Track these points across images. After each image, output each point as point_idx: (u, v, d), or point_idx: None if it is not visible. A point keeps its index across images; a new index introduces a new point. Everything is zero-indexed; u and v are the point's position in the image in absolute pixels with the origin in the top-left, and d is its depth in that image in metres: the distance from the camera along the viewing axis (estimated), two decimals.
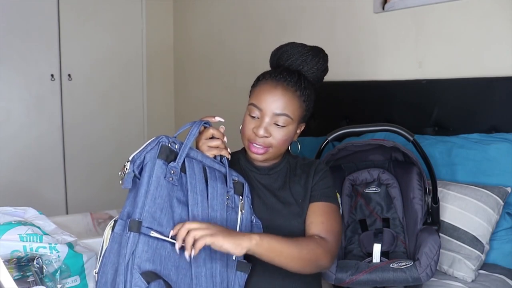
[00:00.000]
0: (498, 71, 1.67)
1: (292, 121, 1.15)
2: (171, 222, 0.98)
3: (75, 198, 3.19)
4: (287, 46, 1.23)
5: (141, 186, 0.97)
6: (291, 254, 1.03)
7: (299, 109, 1.16)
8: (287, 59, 1.21)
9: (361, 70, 2.16)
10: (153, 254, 0.93)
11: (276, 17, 2.61)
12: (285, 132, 1.15)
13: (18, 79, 2.97)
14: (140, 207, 0.95)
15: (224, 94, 3.03)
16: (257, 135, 1.13)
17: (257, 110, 1.14)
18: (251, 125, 1.15)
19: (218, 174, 1.10)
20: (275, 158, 1.22)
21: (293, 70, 1.19)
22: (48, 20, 3.01)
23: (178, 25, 3.50)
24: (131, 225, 0.93)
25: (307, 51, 1.21)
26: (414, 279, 1.25)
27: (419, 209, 1.44)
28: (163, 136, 1.04)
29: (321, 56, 1.23)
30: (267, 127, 1.13)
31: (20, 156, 2.99)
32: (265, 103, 1.13)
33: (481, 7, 1.73)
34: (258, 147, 1.15)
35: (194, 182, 1.03)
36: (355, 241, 1.50)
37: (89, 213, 2.00)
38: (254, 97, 1.16)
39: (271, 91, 1.14)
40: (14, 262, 1.19)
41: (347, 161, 1.58)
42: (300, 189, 1.21)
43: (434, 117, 1.85)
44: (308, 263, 1.07)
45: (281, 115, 1.13)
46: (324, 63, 1.24)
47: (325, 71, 1.26)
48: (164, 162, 1.00)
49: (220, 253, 1.01)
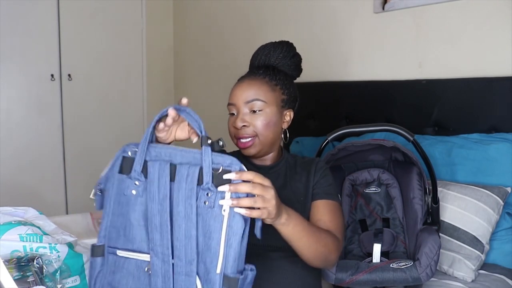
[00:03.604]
0: (498, 71, 1.67)
1: (267, 104, 1.19)
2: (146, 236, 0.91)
3: (75, 198, 3.19)
4: (256, 51, 1.30)
5: (104, 207, 0.96)
6: (308, 243, 1.03)
7: (271, 92, 1.20)
8: (254, 60, 1.29)
9: (361, 70, 2.16)
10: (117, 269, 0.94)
11: (275, 18, 2.61)
12: (263, 116, 1.18)
13: (18, 79, 2.97)
14: (103, 229, 0.96)
15: (224, 94, 3.01)
16: (236, 127, 1.18)
17: (233, 107, 1.22)
18: (231, 122, 1.22)
19: (192, 170, 0.88)
20: (268, 148, 1.22)
21: (259, 66, 1.26)
22: (48, 20, 3.00)
23: (178, 25, 3.50)
24: (95, 250, 0.96)
25: (269, 46, 1.28)
26: (414, 279, 1.25)
27: (419, 209, 1.44)
28: (126, 147, 0.96)
29: (284, 45, 1.28)
30: (243, 117, 1.19)
31: (20, 156, 2.99)
32: (235, 97, 1.21)
33: (481, 7, 1.73)
34: (244, 141, 1.19)
35: (153, 189, 0.89)
36: (355, 241, 1.51)
37: (89, 213, 2.00)
38: (229, 98, 1.24)
39: (239, 86, 1.22)
40: (14, 262, 1.19)
41: (347, 161, 1.58)
42: (301, 187, 1.22)
43: (434, 117, 1.85)
44: (320, 256, 1.07)
45: (252, 101, 1.18)
46: (289, 50, 1.28)
47: (295, 57, 1.29)
48: (127, 175, 0.93)
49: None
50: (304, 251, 1.05)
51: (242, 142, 1.19)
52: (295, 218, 1.00)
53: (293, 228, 0.99)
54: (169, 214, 0.88)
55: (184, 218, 0.86)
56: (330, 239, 1.09)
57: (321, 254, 1.07)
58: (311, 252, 1.05)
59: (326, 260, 1.11)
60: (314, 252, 1.06)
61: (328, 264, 1.14)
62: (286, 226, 0.98)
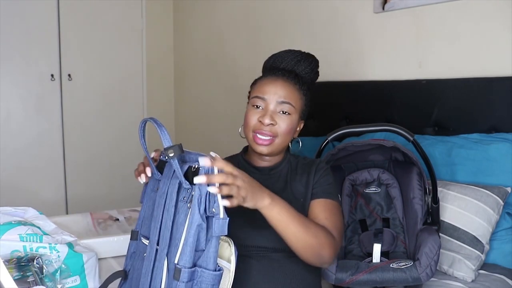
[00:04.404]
0: (498, 71, 1.67)
1: (295, 110, 1.20)
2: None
3: (75, 198, 3.19)
4: (281, 52, 1.30)
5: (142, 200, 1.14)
6: (297, 232, 1.02)
7: (300, 100, 1.21)
8: (281, 62, 1.28)
9: (361, 70, 2.16)
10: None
11: (276, 17, 2.61)
12: (290, 120, 1.19)
13: (18, 79, 2.97)
14: (140, 218, 1.13)
15: (224, 94, 3.03)
16: (264, 123, 1.17)
17: (261, 101, 1.19)
18: (256, 115, 1.19)
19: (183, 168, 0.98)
20: (278, 152, 1.23)
21: (289, 70, 1.25)
22: (48, 20, 3.01)
23: (178, 25, 3.50)
24: (132, 234, 1.14)
25: (299, 54, 1.29)
26: (414, 279, 1.25)
27: (419, 209, 1.44)
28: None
29: (312, 59, 1.30)
30: (272, 115, 1.18)
31: (20, 156, 3.00)
32: (268, 93, 1.18)
33: (481, 7, 1.73)
34: (263, 138, 1.18)
35: (160, 185, 1.03)
36: (355, 241, 1.51)
37: (89, 213, 2.00)
38: (256, 90, 1.21)
39: (273, 82, 1.20)
40: (14, 262, 1.19)
41: (347, 161, 1.58)
42: (301, 188, 1.22)
43: (434, 117, 1.85)
44: (310, 248, 1.05)
45: (285, 103, 1.18)
46: (315, 66, 1.31)
47: (317, 74, 1.32)
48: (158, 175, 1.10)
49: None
50: (292, 239, 1.03)
51: (260, 139, 1.18)
52: (280, 203, 1.01)
53: (278, 213, 1.00)
54: (163, 207, 1.00)
55: (166, 210, 0.98)
56: (322, 232, 1.07)
57: (311, 247, 1.05)
58: (300, 241, 1.03)
59: (319, 255, 1.07)
60: (303, 242, 1.04)
61: (322, 260, 1.10)
62: (270, 210, 0.99)
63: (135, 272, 1.08)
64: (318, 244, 1.06)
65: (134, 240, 1.13)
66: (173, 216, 0.96)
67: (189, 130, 3.46)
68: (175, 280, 0.91)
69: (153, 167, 1.08)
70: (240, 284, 1.08)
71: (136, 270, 1.08)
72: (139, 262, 1.07)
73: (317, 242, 1.05)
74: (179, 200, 0.97)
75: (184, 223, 0.94)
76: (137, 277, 1.05)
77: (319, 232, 1.07)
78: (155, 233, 1.00)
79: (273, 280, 1.13)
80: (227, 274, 0.98)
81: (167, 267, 0.95)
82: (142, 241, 1.09)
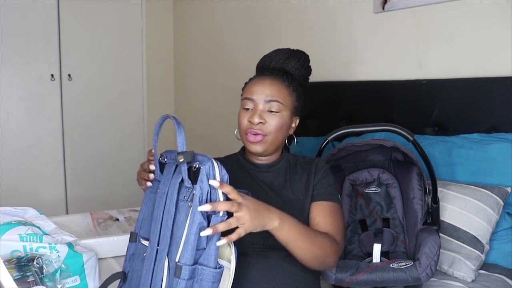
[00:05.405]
0: (498, 71, 1.67)
1: (284, 107, 1.21)
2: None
3: (75, 198, 3.19)
4: (270, 52, 1.32)
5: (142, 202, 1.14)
6: (305, 246, 1.06)
7: (289, 97, 1.22)
8: (270, 61, 1.30)
9: (361, 70, 2.16)
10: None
11: (276, 17, 2.61)
12: (279, 118, 1.20)
13: (18, 79, 2.97)
14: (139, 220, 1.13)
15: (224, 94, 3.03)
16: (253, 122, 1.19)
17: (250, 102, 1.21)
18: (246, 116, 1.21)
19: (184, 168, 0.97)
20: (273, 150, 1.24)
21: (278, 68, 1.27)
22: (48, 20, 3.01)
23: (178, 25, 3.50)
24: (131, 236, 1.13)
25: (287, 52, 1.30)
26: (414, 279, 1.25)
27: (419, 209, 1.44)
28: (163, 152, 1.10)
29: (301, 55, 1.31)
30: (261, 114, 1.19)
31: (20, 156, 3.00)
32: (256, 93, 1.21)
33: (481, 7, 1.73)
34: (254, 136, 1.19)
35: (160, 186, 1.04)
36: (355, 241, 1.50)
37: (89, 213, 2.00)
38: (246, 92, 1.24)
39: (260, 82, 1.22)
40: (14, 262, 1.19)
41: (347, 161, 1.58)
42: (301, 186, 1.23)
43: (434, 117, 1.85)
44: (317, 259, 1.10)
45: (273, 101, 1.20)
46: (305, 61, 1.31)
47: (308, 70, 1.33)
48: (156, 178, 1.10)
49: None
50: (299, 253, 1.07)
51: (252, 136, 1.20)
52: (289, 222, 1.03)
53: (287, 232, 1.02)
54: (163, 207, 1.00)
55: (167, 210, 0.98)
56: (328, 242, 1.11)
57: (317, 257, 1.09)
58: (307, 254, 1.07)
59: (324, 263, 1.13)
60: (310, 255, 1.08)
61: (326, 267, 1.17)
62: (279, 231, 1.02)
63: (135, 273, 1.08)
64: (324, 254, 1.10)
65: (133, 242, 1.13)
66: (173, 215, 0.97)
67: (189, 130, 3.44)
68: (176, 277, 0.92)
69: (157, 168, 1.08)
70: (240, 284, 1.08)
71: (136, 271, 1.08)
72: (139, 263, 1.07)
73: (324, 253, 1.10)
74: (180, 199, 0.98)
75: (185, 222, 0.94)
76: (137, 278, 1.05)
77: (325, 242, 1.10)
78: (156, 234, 1.00)
79: (272, 280, 1.13)
80: (227, 274, 0.98)
81: (168, 266, 0.96)
82: (141, 243, 1.09)
